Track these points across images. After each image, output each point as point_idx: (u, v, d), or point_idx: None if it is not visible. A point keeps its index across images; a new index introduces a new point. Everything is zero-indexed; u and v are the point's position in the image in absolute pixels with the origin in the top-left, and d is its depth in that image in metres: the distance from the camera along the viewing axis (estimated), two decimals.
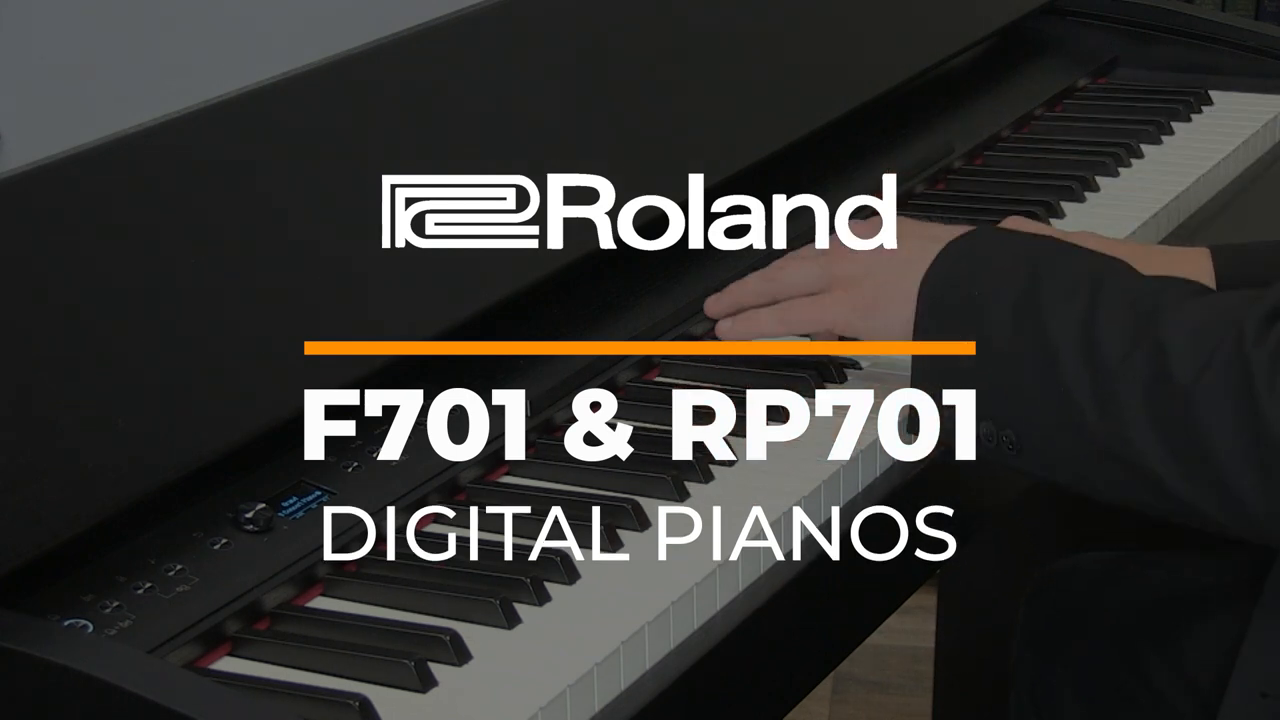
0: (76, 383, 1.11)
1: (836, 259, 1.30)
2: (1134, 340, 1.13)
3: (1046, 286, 1.18)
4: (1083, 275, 1.19)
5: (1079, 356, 1.14)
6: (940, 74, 1.89)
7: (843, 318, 1.29)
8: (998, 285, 1.20)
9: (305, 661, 1.05)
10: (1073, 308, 1.16)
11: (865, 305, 1.27)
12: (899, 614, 1.36)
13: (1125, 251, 1.42)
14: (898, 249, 1.28)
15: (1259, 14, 3.19)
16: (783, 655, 1.18)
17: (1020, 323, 1.17)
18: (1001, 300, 1.19)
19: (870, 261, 1.28)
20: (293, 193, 1.29)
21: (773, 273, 1.34)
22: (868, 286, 1.27)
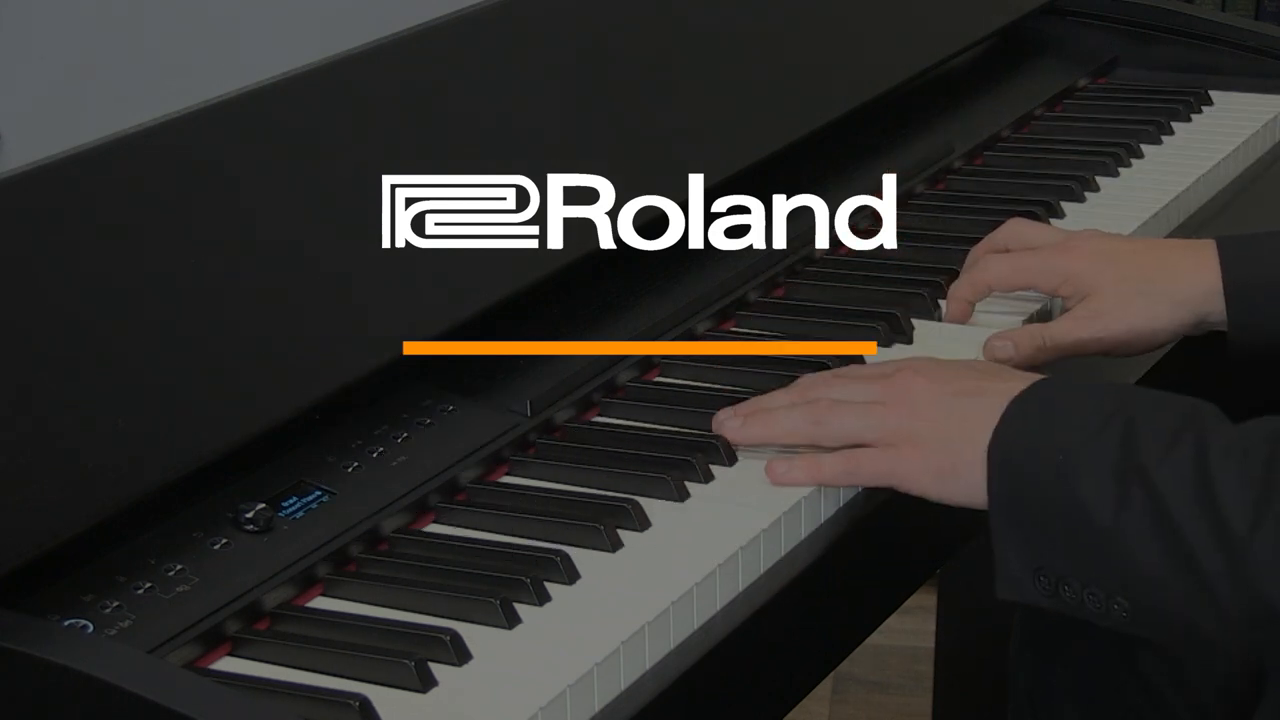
0: (76, 383, 1.11)
1: (898, 414, 1.20)
2: (1259, 500, 1.06)
3: (1144, 445, 1.11)
4: (1178, 424, 1.12)
5: (1200, 520, 1.07)
6: (940, 74, 1.88)
7: (915, 481, 1.19)
8: (1086, 444, 1.12)
9: (305, 661, 1.05)
10: (1181, 463, 1.09)
11: (939, 470, 1.18)
12: (899, 614, 1.36)
13: (1131, 246, 1.43)
14: (966, 405, 1.18)
15: (1259, 14, 3.19)
16: (783, 655, 1.18)
17: (1125, 490, 1.10)
18: (1096, 463, 1.11)
19: (932, 416, 1.19)
20: (292, 193, 1.29)
21: (818, 413, 1.22)
22: (937, 448, 1.18)
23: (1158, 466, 1.10)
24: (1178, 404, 1.15)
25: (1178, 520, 1.08)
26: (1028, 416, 1.16)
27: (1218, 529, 1.07)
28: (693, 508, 1.20)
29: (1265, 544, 1.06)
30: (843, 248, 1.57)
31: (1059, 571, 1.13)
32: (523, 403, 1.28)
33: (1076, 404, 1.15)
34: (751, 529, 1.16)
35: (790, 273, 1.52)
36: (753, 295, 1.48)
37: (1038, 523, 1.13)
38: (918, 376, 1.22)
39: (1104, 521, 1.10)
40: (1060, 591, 1.14)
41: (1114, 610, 1.12)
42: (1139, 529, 1.09)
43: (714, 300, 1.45)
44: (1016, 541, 1.14)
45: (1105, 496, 1.10)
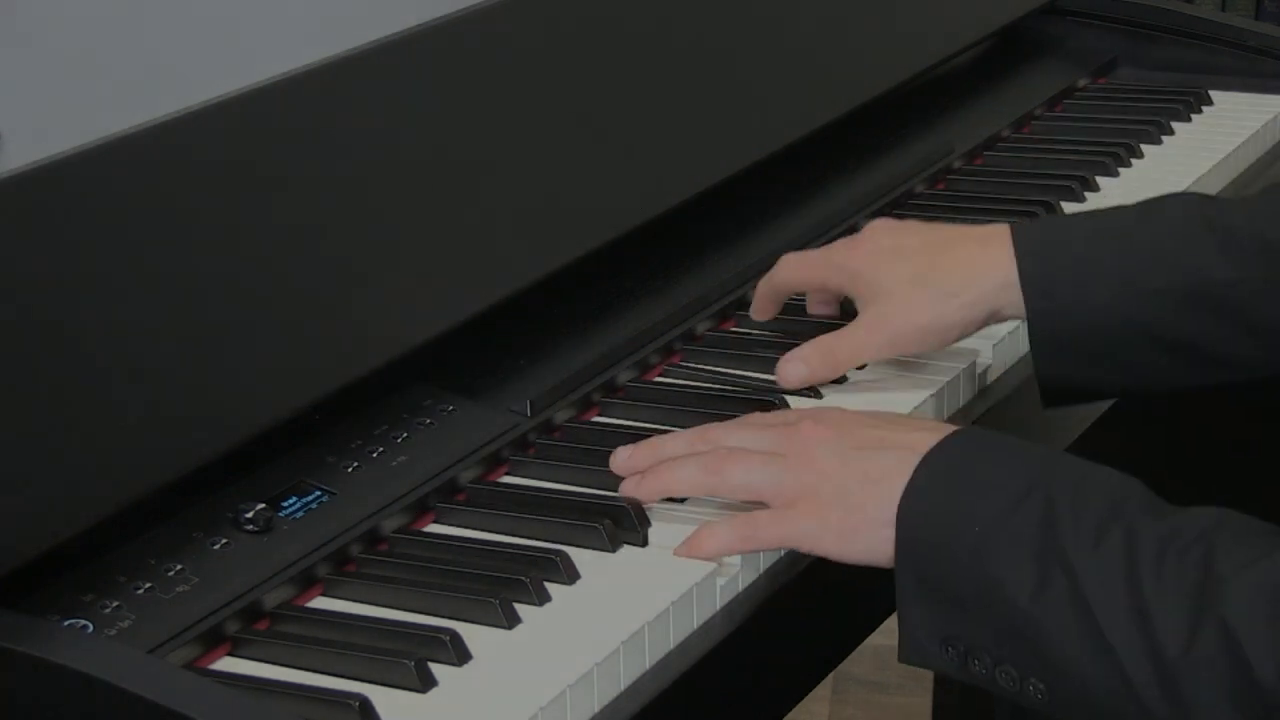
0: (77, 382, 1.11)
1: (797, 468, 1.14)
2: (1193, 619, 1.00)
3: (1067, 530, 1.05)
4: (1106, 509, 1.06)
5: (1131, 631, 1.02)
6: (940, 74, 1.89)
7: (815, 541, 1.13)
8: (1001, 520, 1.07)
9: (305, 661, 1.05)
10: (1108, 566, 1.03)
11: (840, 530, 1.12)
12: None
13: (919, 242, 1.34)
14: (869, 461, 1.13)
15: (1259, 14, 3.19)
16: (783, 655, 1.18)
17: (1045, 574, 1.05)
18: (1014, 542, 1.06)
19: (833, 472, 1.13)
20: (292, 192, 1.29)
21: (715, 463, 1.16)
22: (836, 506, 1.12)
23: (1083, 560, 1.04)
24: (1105, 481, 1.09)
25: (1103, 621, 1.03)
26: (940, 479, 1.10)
27: (1148, 644, 1.02)
28: (693, 508, 1.19)
29: (1197, 670, 1.01)
30: None
31: (968, 644, 1.08)
32: (523, 403, 1.28)
33: (991, 471, 1.10)
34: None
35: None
36: (753, 295, 1.47)
37: (948, 594, 1.08)
38: (819, 427, 1.16)
39: (1021, 603, 1.05)
40: (970, 664, 1.09)
41: (1028, 691, 1.07)
42: (1060, 617, 1.04)
43: (714, 300, 1.45)
44: (924, 609, 1.09)
45: (1023, 579, 1.05)
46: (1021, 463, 1.10)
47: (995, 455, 1.11)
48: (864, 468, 1.13)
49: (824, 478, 1.14)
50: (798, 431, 1.17)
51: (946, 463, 1.11)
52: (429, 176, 1.37)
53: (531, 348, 1.35)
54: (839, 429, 1.16)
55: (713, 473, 1.16)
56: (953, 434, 1.13)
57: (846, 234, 1.57)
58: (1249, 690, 0.99)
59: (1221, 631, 1.00)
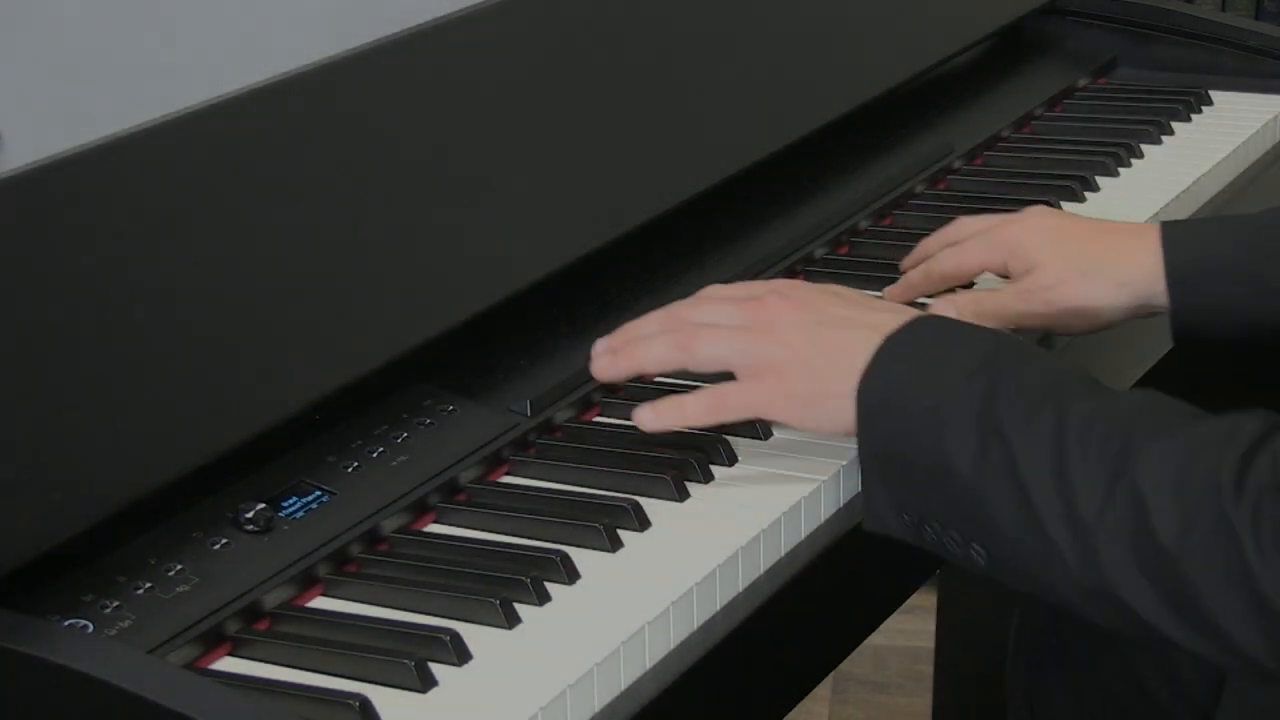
0: (77, 382, 1.11)
1: (763, 340, 1.20)
2: (1108, 486, 1.07)
3: (1008, 400, 1.11)
4: (1043, 389, 1.12)
5: (1054, 497, 1.09)
6: (940, 74, 1.89)
7: (778, 409, 1.20)
8: (950, 395, 1.13)
9: (305, 661, 1.05)
10: (1039, 434, 1.10)
11: (801, 397, 1.18)
12: (899, 614, 1.37)
13: (1078, 225, 1.42)
14: (834, 336, 1.19)
15: (1259, 14, 3.19)
16: (783, 655, 1.18)
17: (985, 444, 1.11)
18: (961, 414, 1.12)
19: (799, 345, 1.19)
20: (292, 192, 1.29)
21: (684, 339, 1.22)
22: (801, 377, 1.18)
23: (1018, 432, 1.10)
24: (1047, 364, 1.15)
25: (1031, 489, 1.09)
26: (900, 359, 1.16)
27: (1067, 507, 1.08)
28: (693, 508, 1.20)
29: (1110, 532, 1.07)
30: (843, 247, 1.57)
31: (921, 511, 1.14)
32: (523, 403, 1.28)
33: (948, 350, 1.16)
34: (751, 529, 1.16)
35: (790, 273, 1.51)
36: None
37: (903, 464, 1.14)
38: (785, 302, 1.22)
39: (964, 471, 1.11)
40: (923, 531, 1.15)
41: (973, 555, 1.14)
42: (996, 485, 1.11)
43: None
44: (883, 478, 1.15)
45: (967, 447, 1.11)
46: (973, 345, 1.16)
47: (950, 338, 1.17)
48: (829, 343, 1.18)
49: (790, 350, 1.19)
50: (764, 306, 1.22)
51: (907, 343, 1.17)
52: (429, 176, 1.37)
53: (531, 348, 1.35)
54: (805, 305, 1.21)
55: (682, 348, 1.22)
56: (916, 318, 1.20)
57: (846, 234, 1.58)
58: (1152, 551, 1.05)
59: (1131, 494, 1.06)
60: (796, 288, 1.26)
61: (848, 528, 1.20)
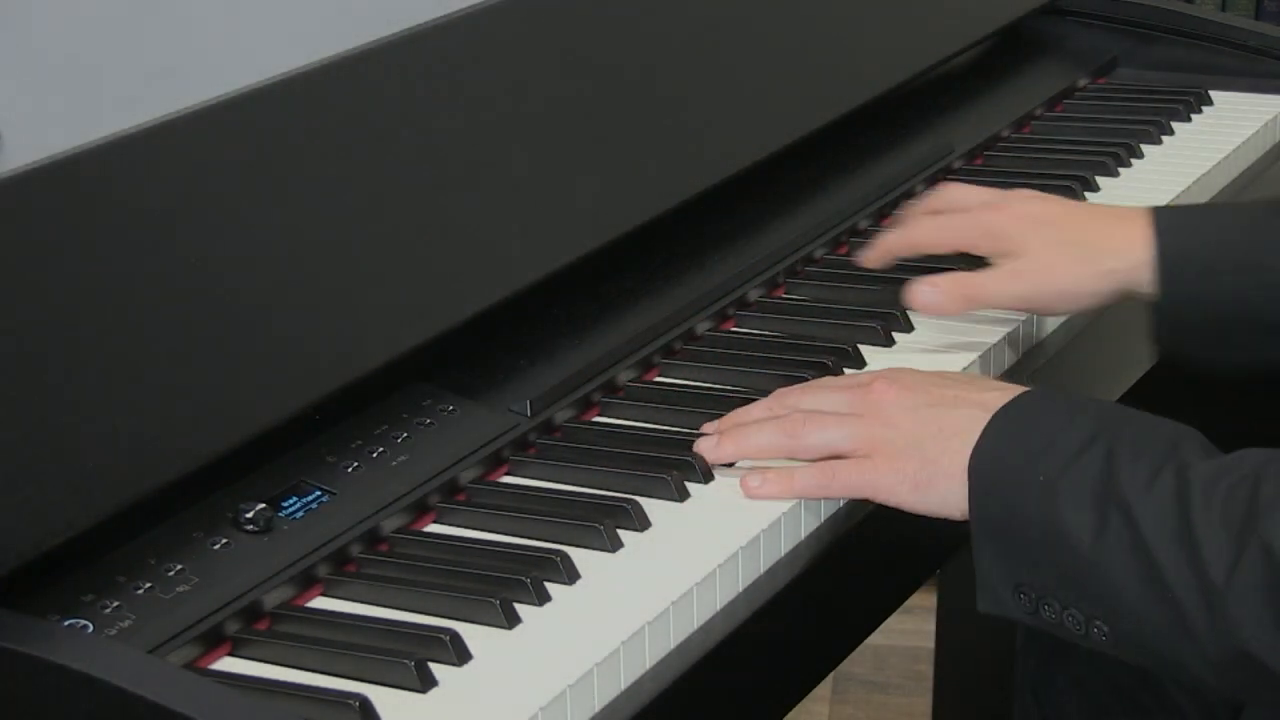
0: (76, 382, 1.11)
1: (872, 425, 1.20)
2: (1238, 545, 1.05)
3: (1125, 474, 1.10)
4: (1161, 454, 1.10)
5: (1181, 561, 1.06)
6: (940, 74, 1.89)
7: (888, 491, 1.18)
8: (1067, 467, 1.11)
9: (305, 661, 1.05)
10: (1162, 504, 1.08)
11: (916, 481, 1.17)
12: (899, 614, 1.37)
13: (1064, 210, 1.41)
14: (943, 416, 1.18)
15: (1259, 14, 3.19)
16: (783, 655, 1.18)
17: (1104, 516, 1.09)
18: (1076, 487, 1.11)
19: (909, 427, 1.18)
20: (292, 193, 1.29)
21: (792, 427, 1.21)
22: (912, 458, 1.17)
23: (1138, 500, 1.09)
24: (1162, 430, 1.14)
25: (1157, 558, 1.07)
26: (1010, 433, 1.14)
27: (1197, 573, 1.06)
28: (693, 508, 1.20)
29: (1241, 593, 1.05)
30: (843, 247, 1.57)
31: (1039, 590, 1.13)
32: (523, 403, 1.28)
33: (1060, 422, 1.14)
34: (752, 529, 1.16)
35: (790, 273, 1.52)
36: (753, 295, 1.48)
37: (1018, 542, 1.12)
38: (893, 386, 1.21)
39: (1083, 548, 1.10)
40: (1041, 610, 1.13)
41: (1094, 633, 1.12)
42: (1118, 559, 1.09)
43: (714, 300, 1.45)
44: (997, 558, 1.14)
45: (1084, 523, 1.10)
46: (1086, 415, 1.14)
47: (1062, 409, 1.16)
48: (938, 423, 1.17)
49: (900, 432, 1.18)
50: (871, 391, 1.21)
51: (1016, 417, 1.16)
52: (429, 176, 1.37)
53: (531, 348, 1.35)
54: (911, 388, 1.21)
55: (790, 435, 1.21)
56: (1024, 392, 1.18)
57: (846, 234, 1.58)
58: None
59: (1263, 554, 1.04)
60: (903, 372, 1.24)
61: (847, 528, 1.20)
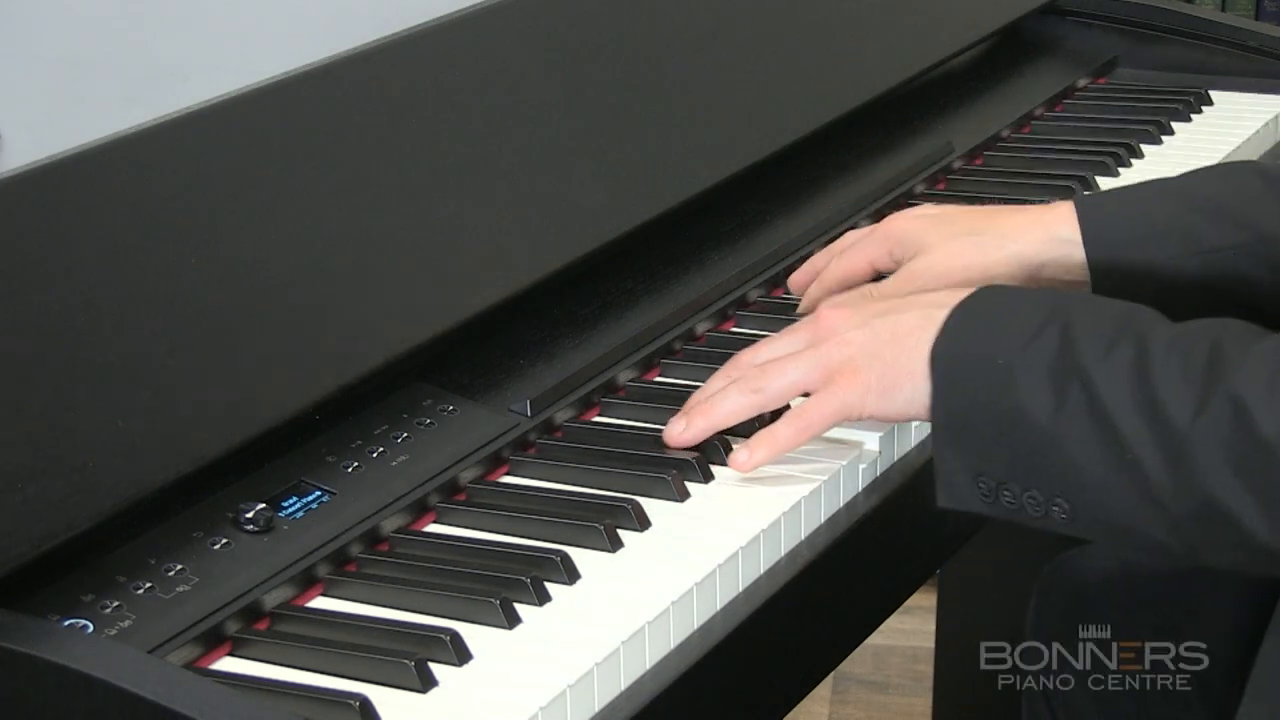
0: (77, 382, 1.11)
1: (827, 348, 1.21)
2: (1201, 396, 1.06)
3: (1083, 347, 1.11)
4: (1117, 326, 1.12)
5: (1141, 419, 1.07)
6: (940, 74, 1.89)
7: (859, 405, 1.19)
8: (1024, 349, 1.12)
9: (305, 661, 1.05)
10: (1120, 368, 1.09)
11: (880, 388, 1.18)
12: (899, 614, 1.37)
13: (962, 209, 1.39)
14: (895, 321, 1.19)
15: (1259, 14, 3.19)
16: (783, 655, 1.18)
17: (1063, 390, 1.10)
18: (1034, 366, 1.11)
19: (868, 342, 1.19)
20: (292, 193, 1.29)
21: (753, 382, 1.22)
22: (873, 368, 1.19)
23: (1096, 366, 1.10)
24: (1116, 306, 1.15)
25: (1116, 418, 1.08)
26: (968, 325, 1.16)
27: (1158, 425, 1.07)
28: (693, 508, 1.20)
29: (1205, 436, 1.06)
30: None
31: (999, 476, 1.13)
32: (523, 403, 1.28)
33: (1016, 309, 1.15)
34: (751, 529, 1.16)
35: (790, 273, 1.51)
36: (753, 295, 1.48)
37: (978, 429, 1.13)
38: (839, 309, 1.23)
39: (1042, 423, 1.11)
40: (1000, 497, 1.14)
41: (1053, 512, 1.13)
42: (1078, 429, 1.10)
43: (714, 300, 1.45)
44: (957, 449, 1.15)
45: (1043, 398, 1.11)
46: (1041, 298, 1.16)
47: (1017, 297, 1.18)
48: (891, 329, 1.19)
49: (856, 348, 1.20)
50: (819, 321, 1.23)
51: (974, 310, 1.17)
52: (429, 177, 1.37)
53: (531, 348, 1.35)
54: (858, 306, 1.22)
55: (754, 390, 1.22)
56: (980, 287, 1.19)
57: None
58: (1252, 448, 1.04)
59: (1228, 398, 1.05)
60: (846, 295, 1.26)
61: (847, 528, 1.20)
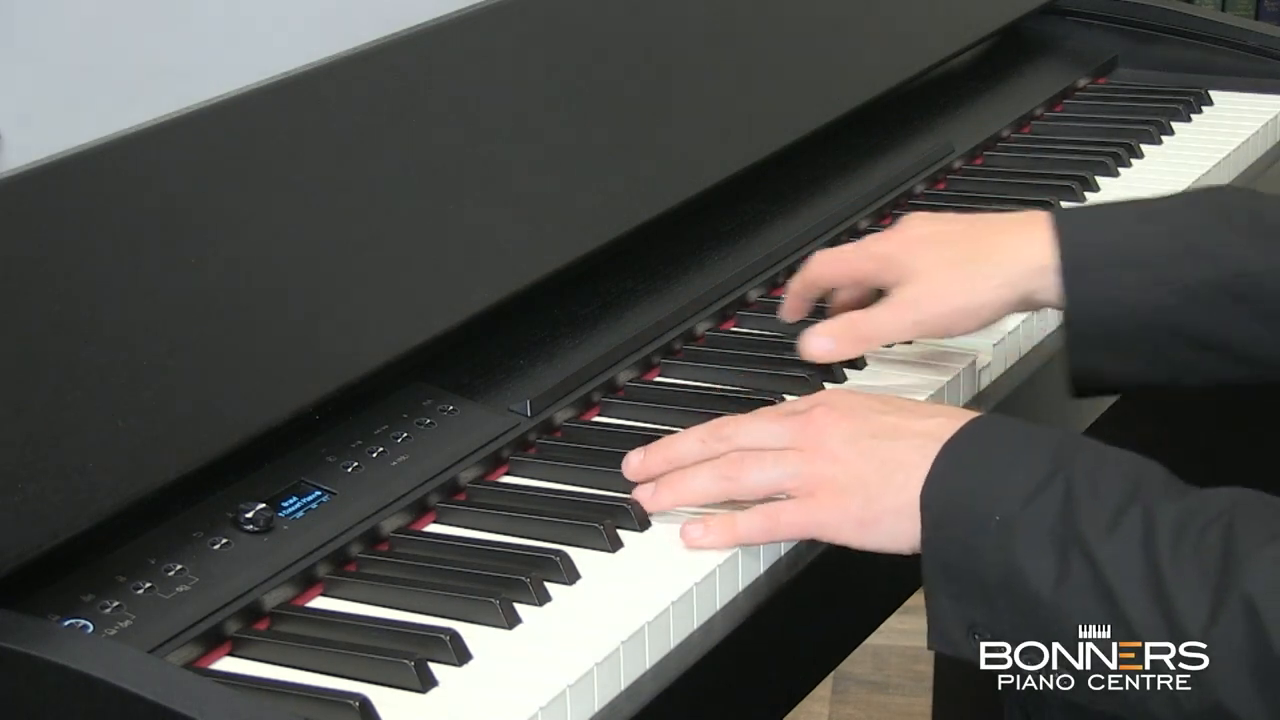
0: (77, 383, 1.11)
1: (813, 459, 1.14)
2: (1215, 598, 1.01)
3: (1087, 515, 1.05)
4: (1124, 492, 1.06)
5: (1152, 613, 1.02)
6: (940, 74, 1.89)
7: (837, 531, 1.13)
8: (1024, 508, 1.07)
9: (305, 661, 1.05)
10: (1128, 544, 1.04)
11: (861, 519, 1.12)
12: (899, 614, 1.36)
13: (953, 228, 1.34)
14: (887, 449, 1.13)
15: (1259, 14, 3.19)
16: (783, 655, 1.18)
17: (1066, 561, 1.05)
18: (1034, 529, 1.06)
19: (852, 462, 1.13)
20: (292, 193, 1.29)
21: (730, 470, 1.16)
22: (858, 496, 1.12)
23: (1102, 543, 1.04)
24: (1121, 464, 1.09)
25: (1125, 605, 1.04)
26: (962, 467, 1.10)
27: (1170, 624, 1.02)
28: (692, 508, 1.19)
29: (1221, 648, 1.01)
30: None
31: (995, 633, 1.08)
32: (523, 403, 1.28)
33: (1013, 457, 1.09)
34: None
35: (790, 273, 1.51)
36: (753, 295, 1.48)
37: (974, 583, 1.08)
38: (832, 413, 1.16)
39: (1043, 592, 1.06)
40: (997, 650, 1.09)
41: (1058, 682, 1.08)
42: (1082, 605, 1.05)
43: (714, 300, 1.45)
44: (951, 598, 1.09)
45: (1045, 566, 1.05)
46: (1040, 449, 1.10)
47: (1014, 442, 1.11)
48: (881, 456, 1.13)
49: (842, 467, 1.13)
50: (811, 421, 1.16)
51: (967, 449, 1.11)
52: (429, 177, 1.37)
53: (531, 348, 1.35)
54: (853, 416, 1.15)
55: (729, 477, 1.16)
56: (971, 421, 1.13)
57: (847, 234, 1.58)
58: (1270, 664, 1.00)
59: (1243, 607, 1.00)
60: (842, 396, 1.19)
61: None
